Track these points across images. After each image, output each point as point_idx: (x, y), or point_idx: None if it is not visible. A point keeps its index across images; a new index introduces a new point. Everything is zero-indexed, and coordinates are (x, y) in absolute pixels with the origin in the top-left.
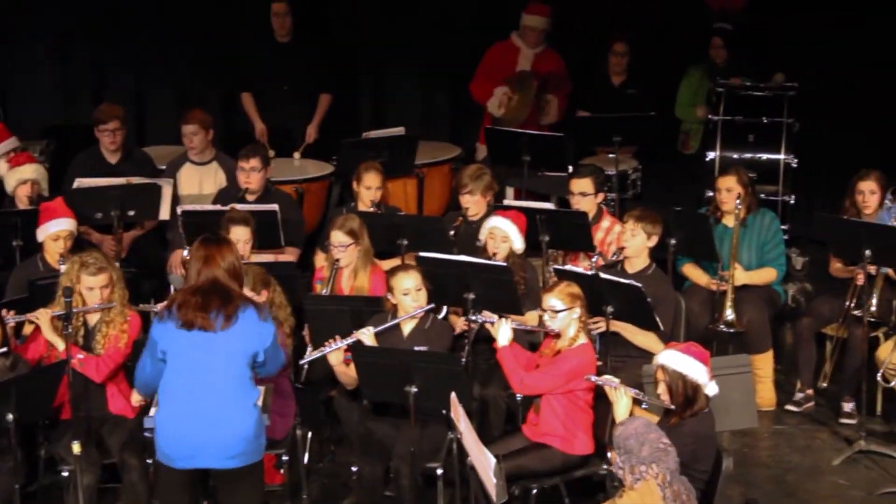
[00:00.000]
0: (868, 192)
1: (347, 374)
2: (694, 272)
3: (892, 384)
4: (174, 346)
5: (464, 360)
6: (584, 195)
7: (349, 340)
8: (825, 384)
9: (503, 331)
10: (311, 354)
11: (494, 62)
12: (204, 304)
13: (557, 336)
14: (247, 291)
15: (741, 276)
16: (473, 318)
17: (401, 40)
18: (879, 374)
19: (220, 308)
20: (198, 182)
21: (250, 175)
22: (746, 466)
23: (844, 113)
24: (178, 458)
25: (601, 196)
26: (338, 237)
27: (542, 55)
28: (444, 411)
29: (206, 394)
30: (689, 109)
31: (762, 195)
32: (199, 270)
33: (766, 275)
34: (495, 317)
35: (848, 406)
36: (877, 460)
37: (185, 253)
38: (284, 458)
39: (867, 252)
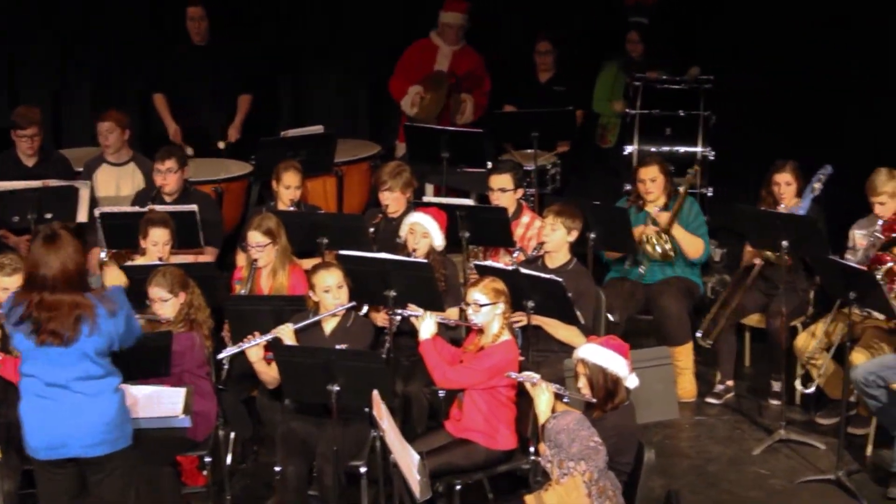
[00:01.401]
0: (784, 184)
1: (268, 373)
2: None
3: (809, 390)
4: (27, 351)
5: (384, 355)
6: (503, 191)
7: (268, 337)
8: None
9: (427, 324)
10: (228, 350)
11: (413, 60)
12: (49, 319)
13: (481, 331)
14: (161, 293)
15: (677, 229)
16: (399, 311)
17: (319, 38)
18: (798, 382)
19: (65, 321)
20: (115, 183)
21: (167, 176)
22: (668, 458)
23: (760, 105)
24: (42, 449)
25: (520, 192)
26: (255, 237)
27: (460, 53)
28: (366, 409)
29: (65, 385)
30: (606, 104)
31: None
32: (37, 278)
33: (696, 242)
34: (420, 310)
35: (777, 385)
36: (796, 449)
37: (103, 254)
38: (207, 459)
39: (784, 243)
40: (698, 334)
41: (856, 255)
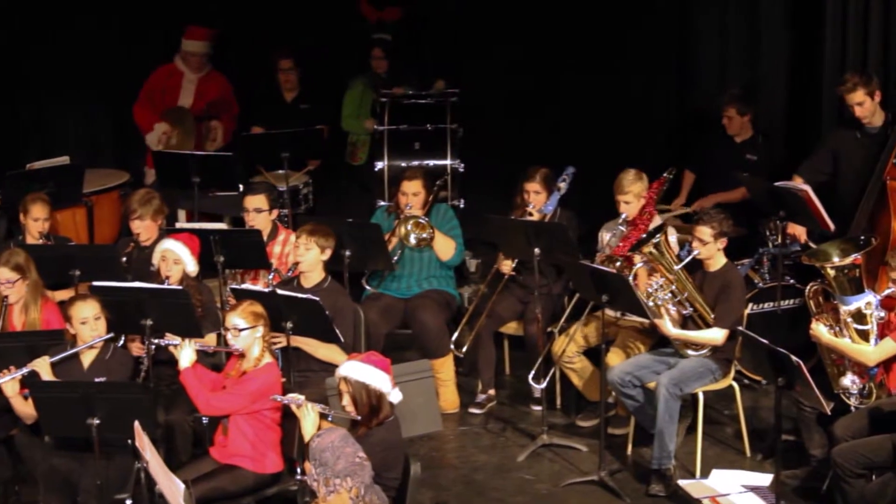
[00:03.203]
0: (533, 193)
1: (25, 409)
2: None
3: (541, 385)
4: None
5: (142, 383)
6: (259, 211)
7: (24, 371)
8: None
9: (186, 353)
10: None
11: (158, 85)
12: None
13: (242, 356)
14: None
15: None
16: (156, 341)
17: (57, 67)
18: (531, 377)
19: None
20: None
21: None
22: (435, 469)
23: (506, 115)
24: None
25: (276, 212)
26: (3, 273)
27: (206, 78)
28: (129, 441)
29: None
30: (355, 122)
31: None
32: None
33: (448, 242)
34: (178, 339)
35: (537, 392)
36: (559, 452)
37: None
38: None
39: (536, 250)
40: (452, 346)
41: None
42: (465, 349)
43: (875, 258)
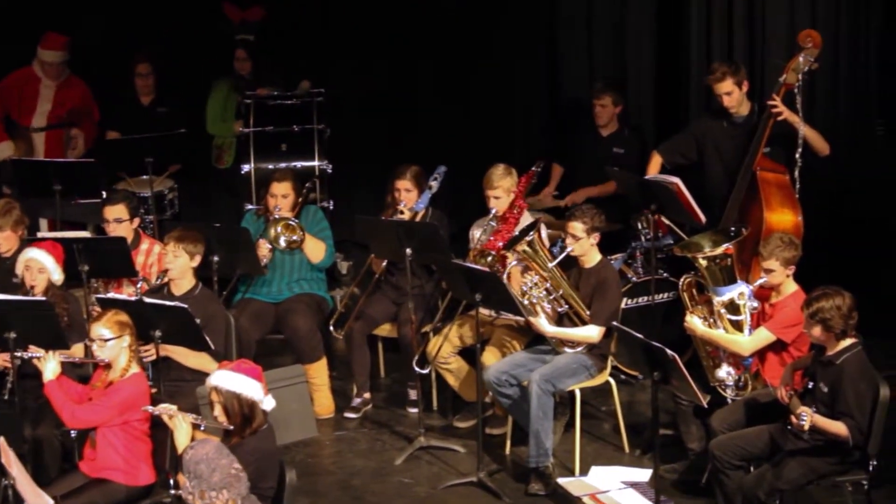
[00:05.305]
0: (404, 191)
1: None
2: None
3: (425, 370)
4: None
5: (6, 397)
6: (119, 222)
7: None
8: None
9: (50, 365)
10: None
11: (16, 90)
12: None
13: (108, 366)
14: None
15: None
16: (18, 354)
17: None
18: (414, 362)
19: None
20: None
21: None
22: (312, 476)
23: (374, 115)
24: None
25: (137, 220)
26: None
27: (64, 84)
28: None
29: None
30: (220, 125)
31: None
32: None
33: (318, 245)
34: (41, 351)
35: (413, 393)
36: (437, 454)
37: None
38: None
39: (408, 250)
40: (331, 327)
41: None
42: (341, 331)
43: (747, 249)
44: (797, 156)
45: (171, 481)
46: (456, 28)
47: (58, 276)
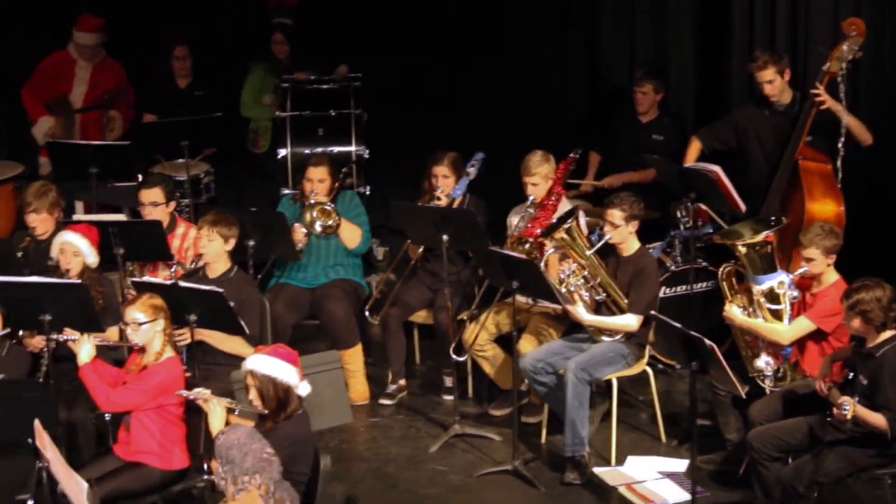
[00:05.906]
0: (441, 177)
1: None
2: None
3: (462, 358)
4: None
5: (41, 380)
6: (155, 205)
7: None
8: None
9: (85, 348)
10: None
11: (51, 72)
12: None
13: (143, 350)
14: None
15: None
16: (53, 336)
17: None
18: (451, 349)
19: None
20: None
21: None
22: (346, 462)
23: (411, 99)
24: None
25: (173, 204)
26: None
27: (100, 66)
28: (29, 440)
29: None
30: (255, 108)
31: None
32: None
33: (354, 230)
34: (77, 334)
35: (449, 380)
36: (472, 442)
37: None
38: None
39: (444, 237)
40: (367, 313)
41: None
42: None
43: (787, 239)
44: (840, 145)
45: (205, 466)
46: (497, 13)
47: (92, 258)
